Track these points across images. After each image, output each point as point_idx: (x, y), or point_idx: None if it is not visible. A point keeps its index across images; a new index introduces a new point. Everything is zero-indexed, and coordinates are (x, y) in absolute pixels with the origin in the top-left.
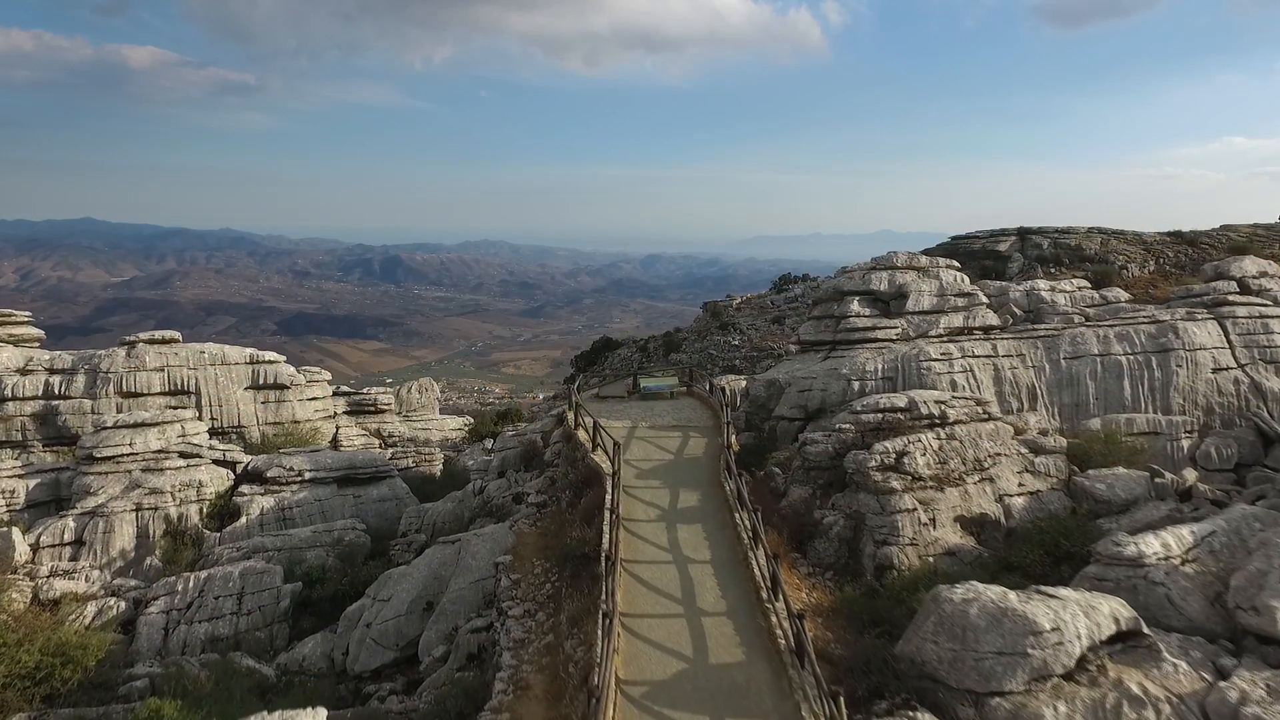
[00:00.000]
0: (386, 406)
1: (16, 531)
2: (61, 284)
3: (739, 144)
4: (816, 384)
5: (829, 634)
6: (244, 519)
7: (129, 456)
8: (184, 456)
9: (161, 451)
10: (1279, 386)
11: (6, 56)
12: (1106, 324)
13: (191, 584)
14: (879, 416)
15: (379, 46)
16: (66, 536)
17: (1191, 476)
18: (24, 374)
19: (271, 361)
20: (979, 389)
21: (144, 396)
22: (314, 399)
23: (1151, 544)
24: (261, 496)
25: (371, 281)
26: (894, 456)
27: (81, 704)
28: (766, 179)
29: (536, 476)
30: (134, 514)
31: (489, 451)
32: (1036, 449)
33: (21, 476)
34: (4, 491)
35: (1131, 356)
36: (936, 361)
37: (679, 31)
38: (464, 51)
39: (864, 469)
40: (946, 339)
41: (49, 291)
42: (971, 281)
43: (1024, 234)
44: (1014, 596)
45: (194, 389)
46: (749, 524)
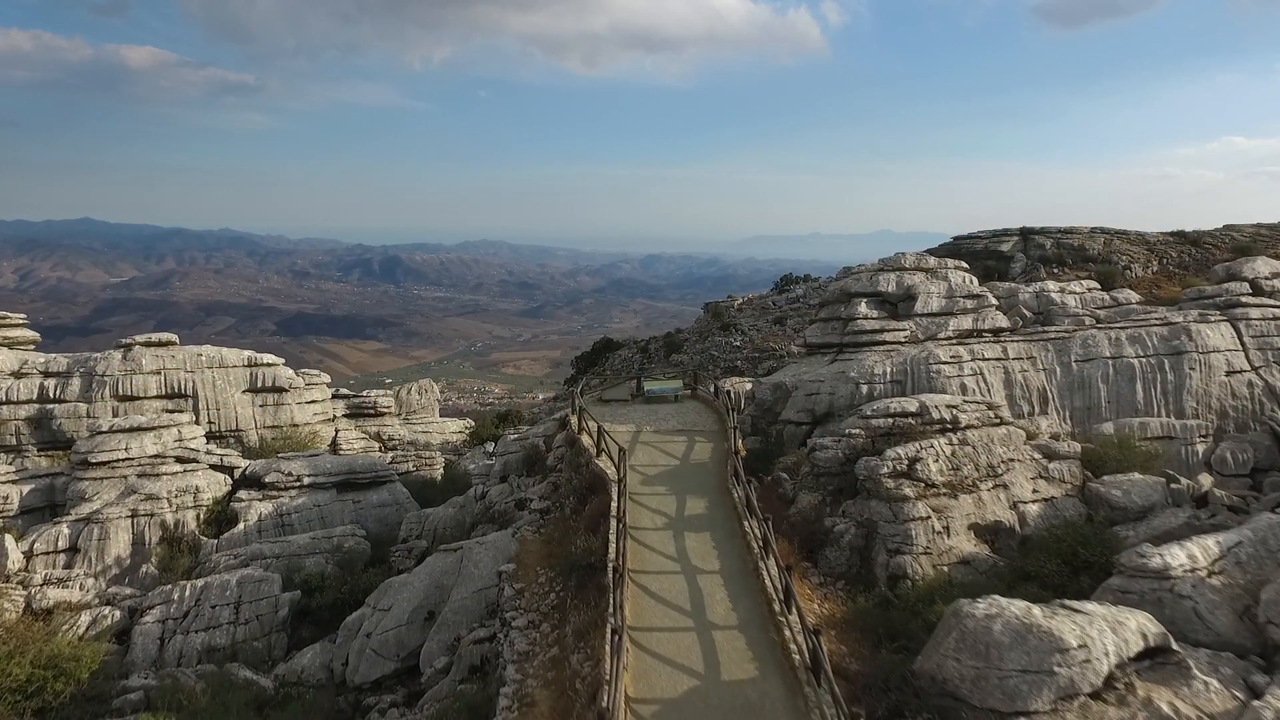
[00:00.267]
0: (386, 409)
1: (9, 539)
2: (61, 284)
3: (738, 144)
4: (824, 387)
5: (843, 648)
6: (242, 525)
7: (125, 461)
8: (181, 461)
9: (158, 456)
10: None
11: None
12: (1118, 326)
13: (188, 592)
14: (889, 421)
15: (378, 46)
16: (60, 544)
17: (1207, 482)
18: (18, 377)
19: (270, 364)
20: (989, 392)
21: (140, 400)
22: (313, 402)
23: (1177, 555)
24: (259, 502)
25: (371, 282)
26: (906, 463)
27: (74, 718)
28: (766, 179)
29: (539, 482)
30: (129, 520)
31: (490, 455)
32: (1050, 454)
33: (15, 482)
34: None
35: (1144, 359)
36: (946, 364)
37: (678, 31)
38: (463, 51)
39: (876, 475)
40: (956, 341)
41: (48, 292)
42: (980, 283)
43: (1027, 234)
44: (1039, 612)
45: (191, 392)
46: (759, 533)
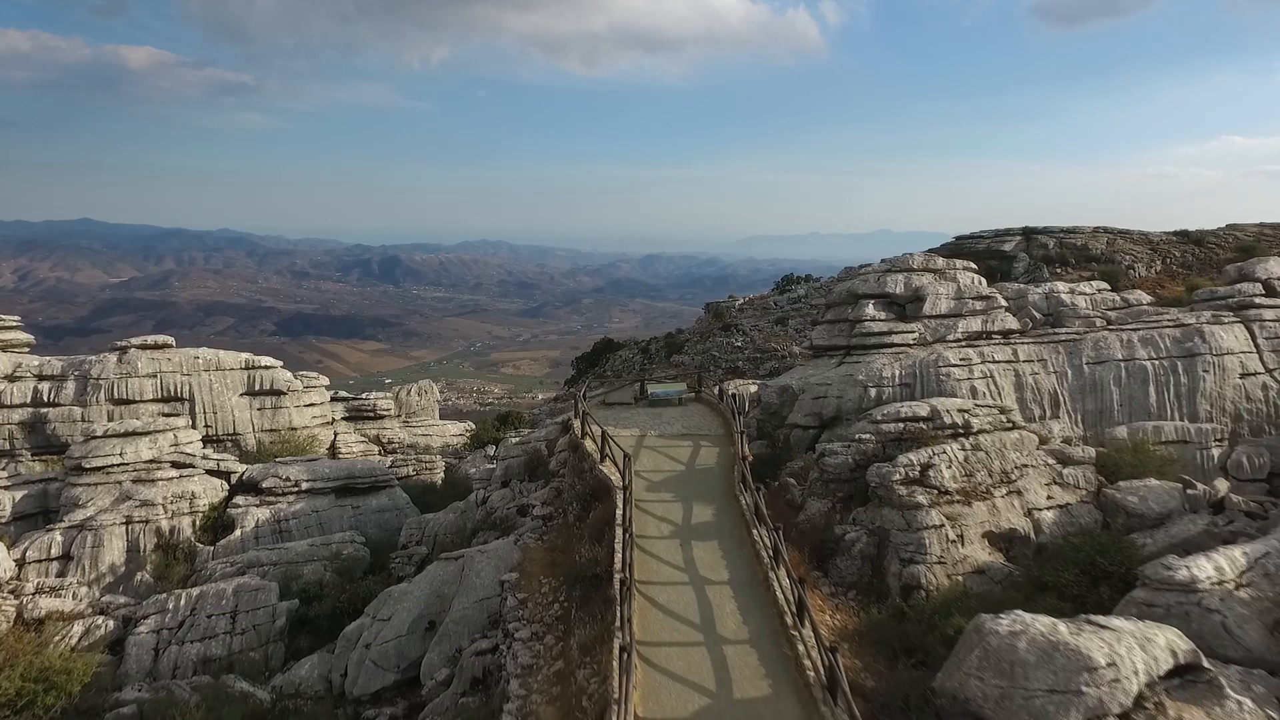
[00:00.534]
0: (386, 412)
1: (1, 546)
2: (60, 285)
3: (737, 143)
4: (832, 391)
5: (857, 662)
6: (238, 532)
7: (119, 467)
8: (176, 466)
9: (153, 461)
10: None
11: (4, 57)
12: (1129, 328)
13: (183, 602)
14: (900, 426)
15: (377, 46)
16: (53, 551)
17: (1223, 487)
18: (12, 380)
19: (267, 367)
20: (999, 395)
21: (136, 404)
22: (311, 405)
23: (1204, 567)
24: (257, 508)
25: (370, 282)
26: (919, 469)
27: None
28: (765, 178)
29: (541, 487)
30: (124, 527)
31: (492, 459)
32: (1064, 459)
33: (8, 488)
34: None
35: (1156, 361)
36: (956, 367)
37: (677, 31)
38: (462, 51)
39: (888, 482)
40: (965, 343)
41: (47, 292)
42: (987, 284)
43: (1029, 234)
44: (1065, 628)
45: (188, 395)
46: (769, 541)
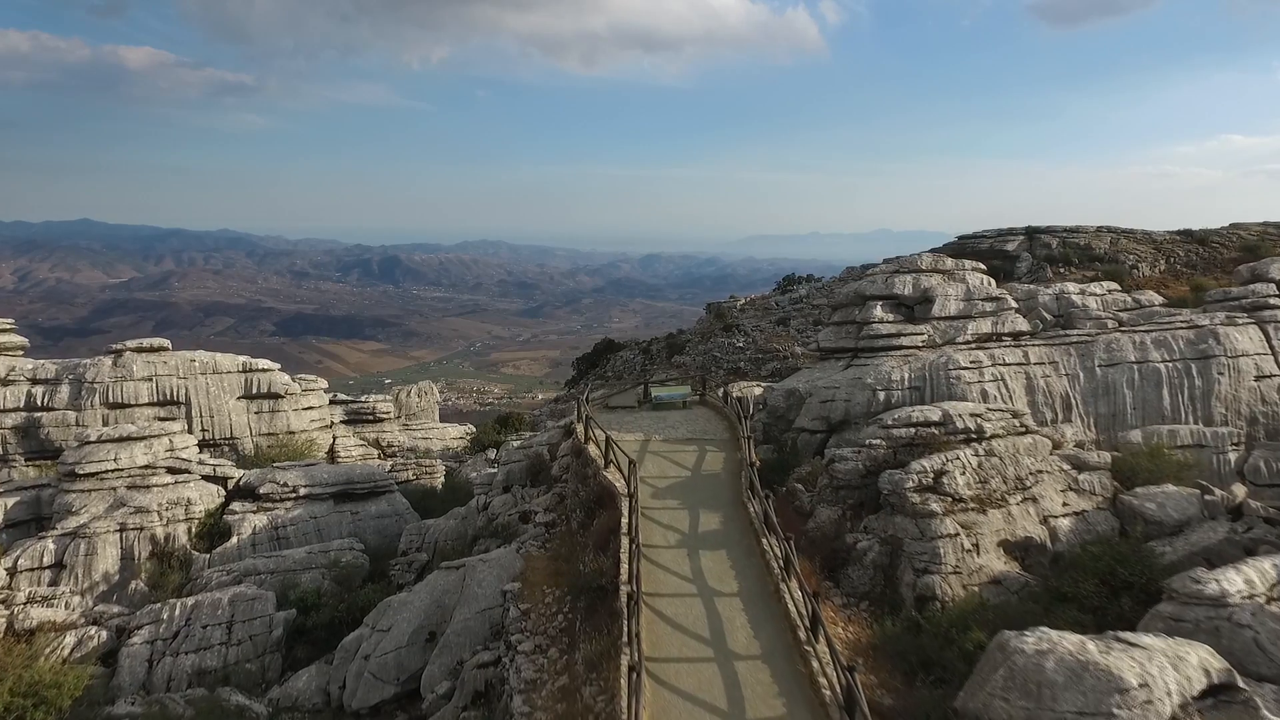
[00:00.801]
0: (385, 415)
1: None
2: (60, 285)
3: (737, 143)
4: (839, 394)
5: (873, 678)
6: (235, 539)
7: (113, 473)
8: (172, 472)
9: (148, 467)
10: None
11: (3, 58)
12: (1141, 329)
13: (178, 611)
14: (911, 431)
15: (376, 47)
16: (46, 559)
17: (1241, 492)
18: (5, 384)
19: (265, 370)
20: (1010, 399)
21: (131, 408)
22: (309, 408)
23: (1234, 580)
24: (254, 514)
25: (370, 282)
26: (932, 476)
27: None
28: (764, 178)
29: (544, 493)
30: (118, 534)
31: (493, 463)
32: (1079, 465)
33: (0, 494)
34: None
35: (1170, 364)
36: (966, 370)
37: (676, 31)
38: (461, 51)
39: (901, 490)
40: (975, 346)
41: (47, 293)
42: (998, 284)
43: (1032, 233)
44: (1094, 647)
45: (184, 399)
46: (779, 551)
